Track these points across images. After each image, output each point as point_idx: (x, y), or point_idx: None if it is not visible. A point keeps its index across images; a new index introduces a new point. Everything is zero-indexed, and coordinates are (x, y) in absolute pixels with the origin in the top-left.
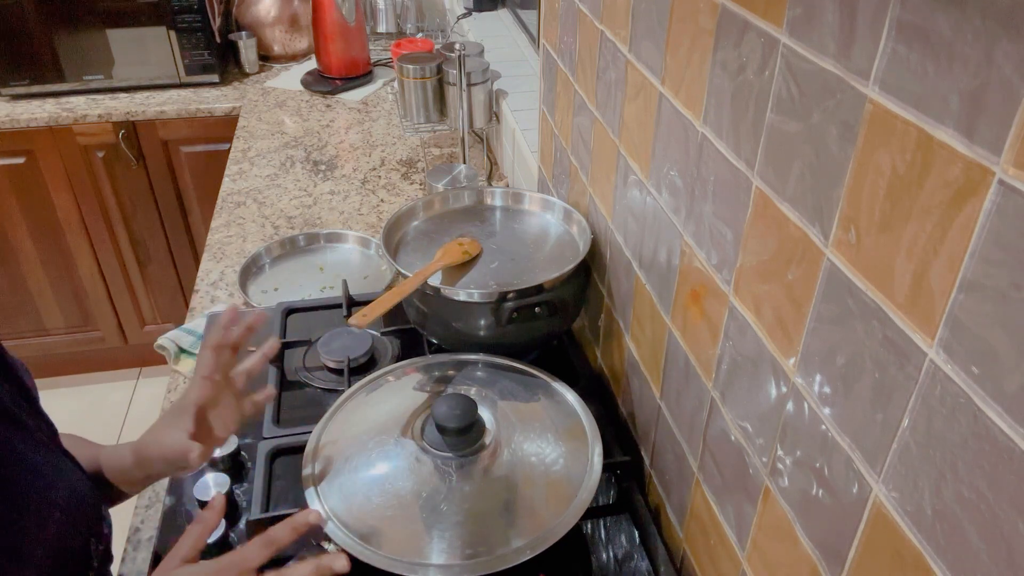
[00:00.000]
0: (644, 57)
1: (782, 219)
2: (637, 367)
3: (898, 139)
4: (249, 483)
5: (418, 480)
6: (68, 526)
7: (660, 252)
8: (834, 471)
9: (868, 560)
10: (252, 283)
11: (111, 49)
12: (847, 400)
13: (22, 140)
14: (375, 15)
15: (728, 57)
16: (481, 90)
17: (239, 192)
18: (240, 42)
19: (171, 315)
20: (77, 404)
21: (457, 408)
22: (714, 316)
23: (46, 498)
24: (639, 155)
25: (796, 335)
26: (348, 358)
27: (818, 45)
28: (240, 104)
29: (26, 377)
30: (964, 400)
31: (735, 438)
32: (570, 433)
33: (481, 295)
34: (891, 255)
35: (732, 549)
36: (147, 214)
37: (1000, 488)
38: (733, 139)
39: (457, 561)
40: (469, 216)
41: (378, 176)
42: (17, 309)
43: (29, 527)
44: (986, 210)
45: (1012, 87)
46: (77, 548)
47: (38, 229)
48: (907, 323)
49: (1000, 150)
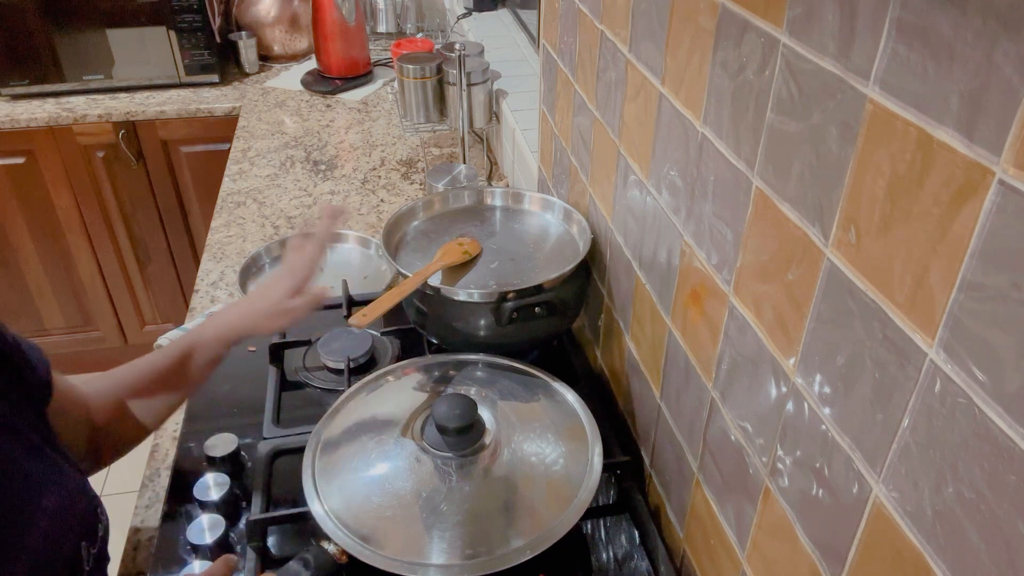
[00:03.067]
0: (644, 57)
1: (782, 219)
2: (637, 367)
3: (898, 139)
4: (249, 483)
5: (418, 480)
6: (57, 531)
7: (660, 252)
8: (834, 471)
9: (868, 560)
10: (252, 283)
11: (111, 49)
12: (847, 400)
13: (22, 140)
14: (375, 15)
15: (728, 57)
16: (481, 90)
17: (239, 192)
18: (240, 42)
19: (171, 315)
20: None
21: (457, 408)
22: (714, 316)
23: (35, 504)
24: (639, 155)
25: (796, 335)
26: (348, 358)
27: (818, 45)
28: (240, 104)
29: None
30: (964, 400)
31: (735, 438)
32: (570, 433)
33: (481, 295)
34: (891, 255)
35: (732, 549)
36: (147, 214)
37: (1000, 488)
38: (733, 139)
39: (457, 561)
40: (469, 216)
41: (378, 176)
42: (17, 309)
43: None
44: (986, 210)
45: (1012, 87)
46: (67, 552)
47: (38, 229)
48: (907, 323)
49: (1000, 150)
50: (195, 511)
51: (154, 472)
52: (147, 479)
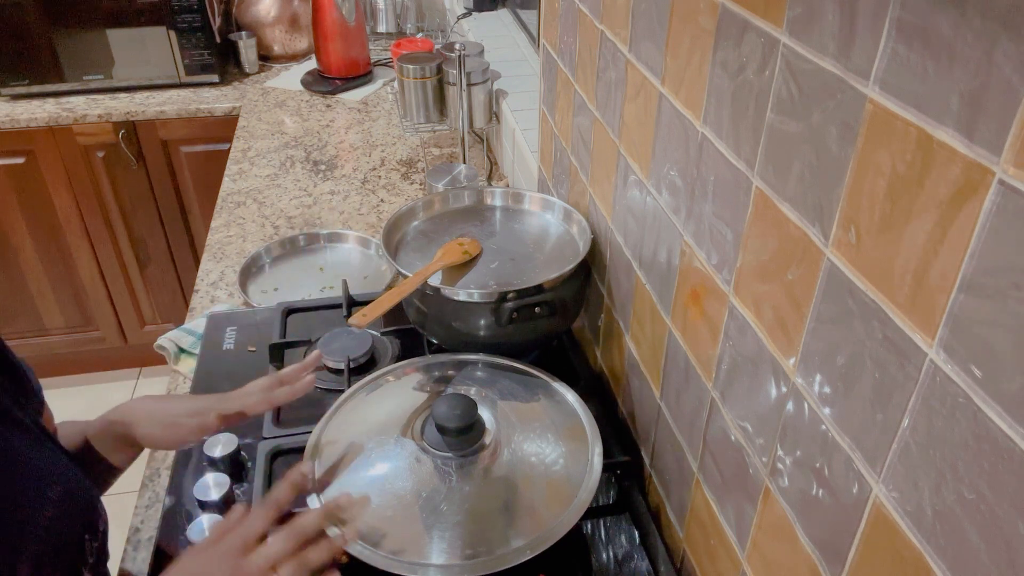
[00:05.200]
0: (644, 57)
1: (782, 219)
2: (637, 367)
3: (898, 139)
4: (249, 483)
5: (418, 480)
6: (61, 521)
7: (660, 252)
8: (834, 471)
9: (868, 560)
10: (252, 283)
11: (111, 49)
12: (847, 400)
13: (22, 140)
14: (375, 15)
15: (728, 57)
16: (481, 90)
17: (239, 192)
18: (240, 42)
19: (171, 315)
20: (77, 404)
21: (457, 408)
22: (714, 316)
23: (41, 494)
24: (639, 155)
25: (796, 335)
26: (348, 358)
27: (818, 45)
28: (240, 104)
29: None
30: (964, 400)
31: (735, 438)
32: (570, 433)
33: (481, 295)
34: (891, 255)
35: (732, 549)
36: (147, 214)
37: (1000, 488)
38: (733, 139)
39: (457, 561)
40: (469, 216)
41: (378, 176)
42: (17, 309)
43: (21, 521)
44: (986, 210)
45: (1012, 87)
46: (71, 542)
47: (38, 229)
48: (907, 323)
49: (1000, 150)
50: (195, 511)
51: (154, 472)
52: (147, 479)
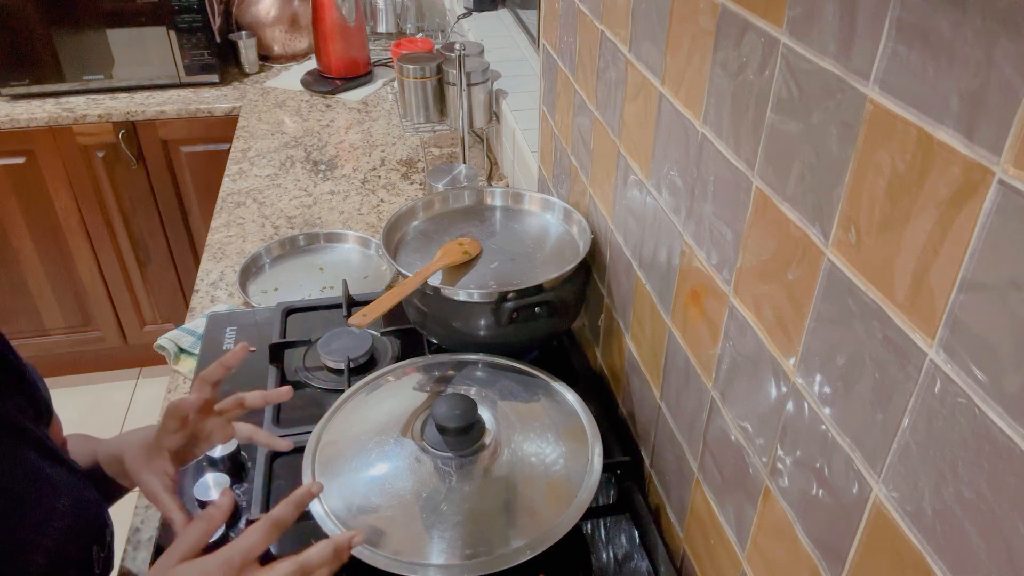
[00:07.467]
0: (644, 57)
1: (782, 219)
2: (637, 367)
3: (898, 139)
4: (249, 483)
5: (418, 480)
6: (71, 533)
7: (660, 252)
8: (834, 471)
9: (868, 560)
10: (252, 283)
11: (111, 49)
12: (847, 400)
13: (22, 140)
14: (375, 15)
15: (728, 57)
16: (481, 90)
17: (239, 192)
18: (240, 42)
19: (171, 315)
20: (77, 404)
21: (457, 408)
22: (714, 316)
23: (51, 507)
24: (639, 155)
25: (796, 335)
26: (348, 358)
27: (818, 45)
28: (240, 104)
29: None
30: (964, 400)
31: (735, 438)
32: (570, 433)
33: (481, 295)
34: (891, 255)
35: (732, 549)
36: (147, 214)
37: (1000, 488)
38: (733, 139)
39: (457, 561)
40: (469, 216)
41: (378, 176)
42: (17, 309)
43: (31, 534)
44: (986, 210)
45: (1012, 87)
46: (80, 554)
47: (38, 229)
48: (907, 323)
49: (1000, 150)
50: (195, 511)
51: None
52: None
